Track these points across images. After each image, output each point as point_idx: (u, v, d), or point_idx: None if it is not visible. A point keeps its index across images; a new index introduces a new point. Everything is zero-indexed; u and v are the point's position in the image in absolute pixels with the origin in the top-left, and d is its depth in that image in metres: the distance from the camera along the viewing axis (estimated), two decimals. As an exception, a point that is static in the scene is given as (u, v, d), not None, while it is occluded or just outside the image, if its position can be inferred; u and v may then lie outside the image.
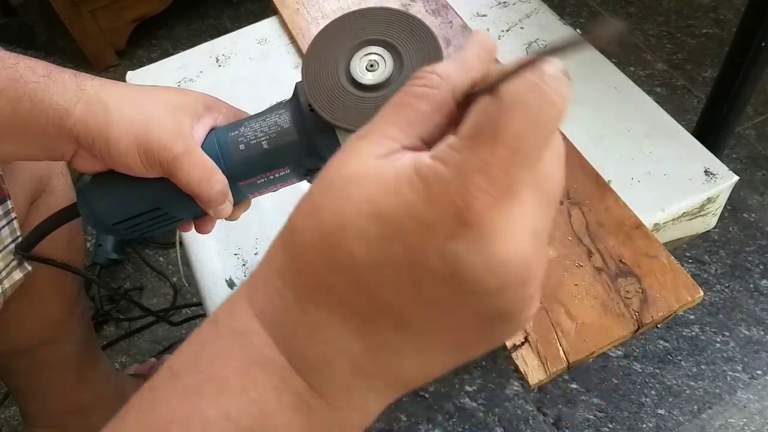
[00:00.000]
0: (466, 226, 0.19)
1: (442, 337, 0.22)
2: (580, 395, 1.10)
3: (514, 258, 0.19)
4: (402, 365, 0.22)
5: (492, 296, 0.20)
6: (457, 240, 0.19)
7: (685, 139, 0.68)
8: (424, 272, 0.20)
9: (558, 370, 0.53)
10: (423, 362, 0.23)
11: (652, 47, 1.59)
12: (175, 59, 0.88)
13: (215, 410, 0.21)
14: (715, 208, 0.67)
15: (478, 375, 1.14)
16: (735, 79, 0.89)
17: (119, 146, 0.42)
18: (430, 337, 0.22)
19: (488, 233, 0.19)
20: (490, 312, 0.21)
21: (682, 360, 1.13)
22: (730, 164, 0.66)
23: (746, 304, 1.18)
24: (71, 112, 0.42)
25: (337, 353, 0.22)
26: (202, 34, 1.83)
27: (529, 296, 0.21)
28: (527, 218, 0.20)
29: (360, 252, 0.20)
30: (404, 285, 0.20)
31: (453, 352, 0.23)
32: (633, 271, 0.57)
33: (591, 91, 0.74)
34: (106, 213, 0.47)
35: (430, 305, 0.21)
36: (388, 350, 0.22)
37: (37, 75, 0.43)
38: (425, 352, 0.22)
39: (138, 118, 0.43)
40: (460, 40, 0.80)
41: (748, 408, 1.07)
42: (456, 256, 0.19)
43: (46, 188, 0.71)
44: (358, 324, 0.21)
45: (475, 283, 0.20)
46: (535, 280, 0.21)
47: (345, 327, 0.21)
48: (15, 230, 0.62)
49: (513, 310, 0.21)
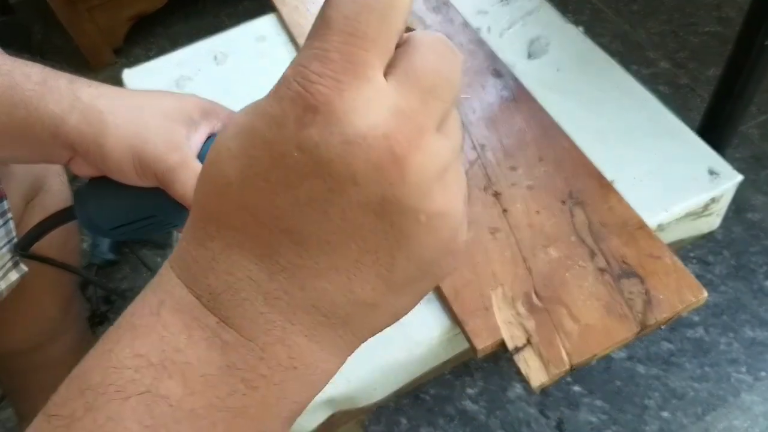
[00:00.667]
0: (313, 111, 0.19)
1: (345, 249, 0.21)
2: (583, 398, 1.09)
3: (371, 131, 0.19)
4: (316, 289, 0.21)
5: (366, 180, 0.20)
6: (308, 127, 0.19)
7: (688, 138, 0.68)
8: (290, 171, 0.20)
9: (560, 372, 0.52)
10: (341, 285, 0.21)
11: (655, 45, 1.58)
12: (173, 57, 0.87)
13: (128, 353, 0.21)
14: (719, 208, 0.67)
15: (479, 377, 1.13)
16: (739, 77, 0.88)
17: (114, 156, 0.42)
18: (333, 251, 0.21)
19: (338, 113, 0.19)
20: (376, 201, 0.20)
21: (686, 362, 1.12)
22: (734, 163, 0.65)
23: (750, 305, 1.17)
24: (67, 120, 0.42)
25: (242, 282, 0.21)
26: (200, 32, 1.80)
27: (418, 182, 0.20)
28: (383, 97, 0.20)
29: (231, 171, 0.21)
30: (279, 192, 0.20)
31: (372, 268, 0.21)
32: (636, 271, 0.56)
33: (593, 89, 0.73)
34: (102, 218, 0.47)
35: (312, 208, 0.20)
36: (295, 273, 0.21)
37: (32, 82, 0.43)
38: (338, 272, 0.21)
39: (133, 128, 0.43)
40: (461, 37, 0.79)
41: (752, 410, 1.06)
42: (312, 142, 0.19)
43: (42, 188, 0.71)
44: (253, 248, 0.21)
45: (339, 165, 0.19)
46: (420, 165, 0.20)
47: (243, 254, 0.21)
48: (11, 231, 0.62)
49: (401, 197, 0.20)
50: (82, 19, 1.64)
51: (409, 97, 0.20)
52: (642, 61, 1.54)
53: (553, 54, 0.77)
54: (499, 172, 0.65)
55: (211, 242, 0.22)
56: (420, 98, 0.21)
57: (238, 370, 0.21)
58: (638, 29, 1.62)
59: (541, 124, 0.69)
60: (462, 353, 0.61)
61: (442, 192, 0.21)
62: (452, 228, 0.22)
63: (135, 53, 1.80)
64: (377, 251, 0.21)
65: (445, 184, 0.21)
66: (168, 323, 0.22)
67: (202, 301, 0.22)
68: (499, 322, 0.55)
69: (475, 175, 0.65)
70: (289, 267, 0.21)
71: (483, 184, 0.64)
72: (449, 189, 0.21)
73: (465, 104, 0.72)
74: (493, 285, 0.57)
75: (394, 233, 0.21)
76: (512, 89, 0.73)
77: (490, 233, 0.61)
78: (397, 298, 0.23)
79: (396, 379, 0.60)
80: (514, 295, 0.56)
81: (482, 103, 0.72)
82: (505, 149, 0.67)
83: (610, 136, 0.68)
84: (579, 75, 0.75)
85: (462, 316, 0.55)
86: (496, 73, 0.75)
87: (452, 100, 0.22)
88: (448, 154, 0.21)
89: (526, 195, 0.63)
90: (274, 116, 0.20)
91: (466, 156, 0.67)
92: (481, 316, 0.55)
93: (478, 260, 0.59)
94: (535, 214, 0.61)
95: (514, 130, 0.69)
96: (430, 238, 0.21)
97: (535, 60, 0.77)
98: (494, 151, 0.67)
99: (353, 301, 0.22)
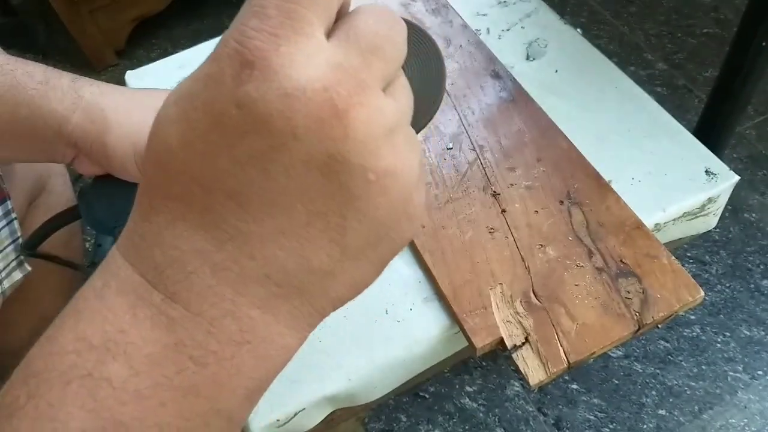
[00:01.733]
0: (250, 67, 0.19)
1: (292, 211, 0.20)
2: (581, 396, 1.10)
3: (310, 84, 0.19)
4: (267, 257, 0.20)
5: (307, 134, 0.19)
6: (245, 83, 0.19)
7: (685, 138, 0.68)
8: (229, 130, 0.19)
9: (558, 371, 0.52)
10: (292, 251, 0.21)
11: (652, 47, 1.59)
12: (175, 59, 0.87)
13: (71, 337, 0.21)
14: (716, 208, 0.67)
15: (478, 375, 1.13)
16: (735, 78, 0.89)
17: (116, 153, 0.43)
18: (280, 213, 0.20)
19: (275, 67, 0.19)
20: (320, 158, 0.19)
21: (683, 360, 1.13)
22: (731, 164, 0.66)
23: (747, 304, 1.17)
24: (69, 119, 0.43)
25: (188, 255, 0.20)
26: (202, 34, 1.83)
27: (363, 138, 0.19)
28: (323, 53, 0.19)
29: (172, 137, 0.20)
30: (219, 153, 0.20)
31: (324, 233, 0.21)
32: (634, 271, 0.57)
33: (591, 90, 0.73)
34: (106, 216, 0.47)
35: (253, 167, 0.19)
36: (244, 241, 0.20)
37: (35, 81, 0.43)
38: (287, 237, 0.20)
39: (135, 125, 0.43)
40: (460, 39, 0.80)
41: (748, 408, 1.07)
42: (249, 98, 0.19)
43: (45, 188, 0.71)
44: (198, 217, 0.20)
45: (278, 120, 0.19)
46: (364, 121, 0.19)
47: (188, 224, 0.20)
48: (15, 231, 0.62)
49: (346, 154, 0.19)
50: (85, 21, 1.64)
51: (350, 53, 0.20)
52: (639, 63, 1.55)
53: (551, 55, 0.78)
54: (498, 173, 0.66)
55: (156, 216, 0.21)
56: (361, 56, 0.20)
57: (186, 347, 0.21)
58: (636, 31, 1.63)
59: (539, 125, 0.69)
60: (461, 351, 0.62)
61: (391, 150, 0.20)
62: (405, 188, 0.21)
63: (137, 55, 1.80)
64: (327, 214, 0.20)
65: (394, 143, 0.21)
66: (112, 305, 0.21)
67: (147, 278, 0.21)
68: (498, 320, 0.55)
69: (474, 176, 0.66)
70: (236, 235, 0.20)
71: (482, 185, 0.65)
72: (399, 149, 0.21)
73: (464, 105, 0.73)
74: (491, 284, 0.58)
75: (343, 194, 0.20)
76: (511, 90, 0.73)
77: (488, 233, 0.61)
78: (355, 266, 0.22)
79: (396, 377, 0.60)
80: (512, 294, 0.57)
81: (481, 104, 0.73)
82: (504, 150, 0.68)
83: (608, 137, 0.69)
84: (577, 76, 0.75)
85: (461, 315, 0.56)
86: (494, 75, 0.75)
87: (395, 62, 0.22)
88: (394, 114, 0.21)
89: (525, 195, 0.64)
90: (211, 75, 0.19)
91: (465, 156, 0.68)
92: (480, 314, 0.56)
93: (477, 259, 0.59)
94: (534, 214, 0.62)
95: (512, 130, 0.69)
96: (381, 199, 0.21)
97: (533, 61, 0.78)
98: (493, 151, 0.68)
99: (307, 269, 0.21)
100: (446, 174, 0.67)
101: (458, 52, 0.78)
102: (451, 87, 0.75)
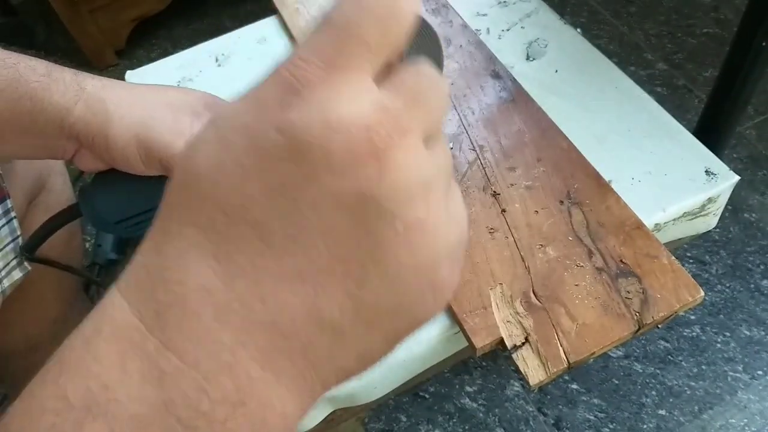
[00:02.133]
0: (296, 94, 0.19)
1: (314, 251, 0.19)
2: (581, 396, 1.10)
3: (353, 119, 0.19)
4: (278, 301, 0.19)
5: (342, 168, 0.18)
6: (290, 108, 0.19)
7: (685, 138, 0.68)
8: (266, 153, 0.19)
9: (558, 371, 0.52)
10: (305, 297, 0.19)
11: (652, 47, 1.59)
12: (175, 59, 0.87)
13: (50, 393, 0.19)
14: (716, 208, 0.67)
15: (478, 375, 1.14)
16: (736, 78, 0.89)
17: (119, 144, 0.42)
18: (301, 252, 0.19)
19: (321, 98, 0.19)
20: (351, 196, 0.19)
21: (683, 360, 1.13)
22: (731, 164, 0.66)
23: (747, 304, 1.17)
24: (72, 110, 0.42)
25: (193, 293, 0.19)
26: (202, 34, 1.82)
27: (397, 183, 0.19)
28: (369, 92, 0.20)
29: (203, 159, 0.19)
30: (250, 177, 0.19)
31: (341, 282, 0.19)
32: (634, 271, 0.57)
33: (591, 90, 0.74)
34: (107, 211, 0.47)
35: (282, 195, 0.19)
36: (256, 278, 0.19)
37: (37, 74, 0.43)
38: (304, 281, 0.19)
39: (138, 116, 0.43)
40: (460, 39, 0.80)
41: (748, 408, 1.07)
42: (291, 124, 0.18)
43: (45, 187, 0.71)
44: (214, 246, 0.19)
45: (316, 150, 0.18)
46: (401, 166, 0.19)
47: (200, 254, 0.19)
48: (15, 229, 0.62)
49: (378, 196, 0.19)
50: (85, 21, 1.64)
51: (395, 99, 0.20)
52: (639, 63, 1.55)
53: (551, 55, 0.78)
54: (498, 173, 0.66)
55: (168, 246, 0.20)
56: (405, 103, 0.20)
57: (175, 406, 0.19)
58: (636, 31, 1.63)
59: (539, 125, 0.69)
60: (461, 351, 0.62)
61: (423, 204, 0.20)
62: (433, 251, 0.20)
63: (137, 55, 1.80)
64: (348, 260, 0.19)
65: (428, 198, 0.20)
66: (100, 355, 0.19)
67: (144, 321, 0.19)
68: (498, 320, 0.55)
69: (474, 176, 0.66)
70: (250, 271, 0.19)
71: (482, 185, 0.65)
72: (432, 206, 0.20)
73: (464, 105, 0.73)
74: (491, 284, 0.58)
75: (368, 240, 0.19)
76: (511, 90, 0.73)
77: (488, 233, 0.61)
78: (367, 332, 0.21)
79: (396, 377, 0.60)
80: (512, 294, 0.57)
81: (481, 104, 0.73)
82: (504, 150, 0.68)
83: (608, 137, 0.69)
84: (577, 76, 0.75)
85: (461, 315, 0.56)
86: (494, 75, 0.75)
87: (438, 117, 0.22)
88: (431, 167, 0.20)
89: (525, 195, 0.64)
90: (256, 98, 0.19)
91: (465, 156, 0.68)
92: (480, 314, 0.56)
93: (477, 260, 0.59)
94: (534, 214, 0.62)
95: (512, 130, 0.69)
96: (406, 255, 0.20)
97: (533, 61, 0.78)
98: (493, 151, 0.68)
99: (317, 321, 0.20)
100: (446, 174, 0.67)
101: (458, 52, 0.78)
102: (451, 87, 0.75)
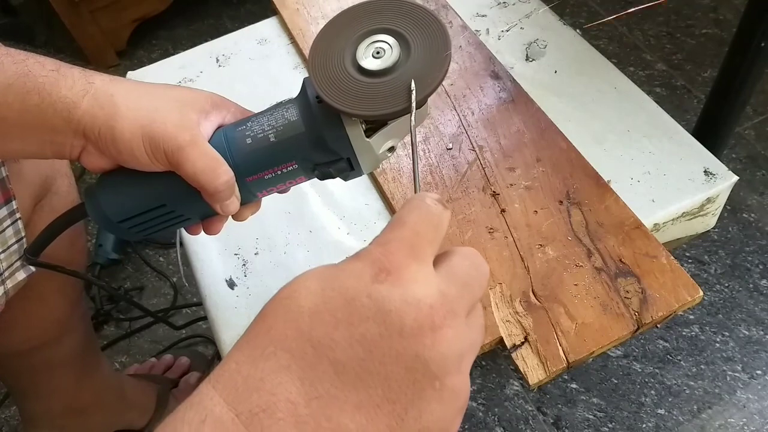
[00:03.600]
0: (387, 272, 0.26)
1: (372, 390, 0.25)
2: (580, 395, 1.10)
3: (423, 299, 0.25)
4: (340, 423, 0.24)
5: (409, 335, 0.25)
6: (381, 283, 0.25)
7: (684, 139, 0.69)
8: (356, 312, 0.25)
9: (558, 370, 0.53)
10: (359, 423, 0.24)
11: (651, 47, 1.59)
12: (176, 59, 0.88)
13: None
14: (715, 208, 0.68)
15: (477, 375, 1.14)
16: (735, 79, 0.89)
17: (125, 136, 0.42)
18: (363, 389, 0.24)
19: (404, 279, 0.26)
20: (410, 356, 0.25)
21: (682, 360, 1.13)
22: (730, 164, 0.66)
23: (746, 304, 1.18)
24: (79, 104, 0.42)
25: (281, 404, 0.24)
26: (203, 35, 1.83)
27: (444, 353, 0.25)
28: (434, 280, 0.27)
29: (306, 303, 0.26)
30: (340, 327, 0.25)
31: (386, 416, 0.25)
32: (633, 270, 0.57)
33: (590, 91, 0.74)
34: (112, 210, 0.47)
35: (361, 345, 0.25)
36: (328, 402, 0.24)
37: (46, 69, 0.43)
38: (359, 411, 0.24)
39: (145, 110, 0.43)
40: (460, 40, 0.80)
41: (747, 408, 1.07)
42: (379, 294, 0.25)
43: (50, 189, 0.71)
44: (301, 371, 0.25)
45: (394, 317, 0.25)
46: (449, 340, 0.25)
47: (290, 376, 0.24)
48: (19, 231, 0.62)
49: (429, 360, 0.25)
50: (85, 21, 1.64)
51: (451, 286, 0.27)
52: (638, 63, 1.55)
53: (550, 56, 0.78)
54: (498, 173, 0.66)
55: (265, 362, 0.25)
56: (457, 290, 0.27)
57: None
58: (635, 31, 1.63)
59: (538, 126, 0.70)
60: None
61: (457, 371, 0.26)
62: (456, 408, 0.26)
63: (138, 55, 1.80)
64: (395, 402, 0.25)
65: (460, 367, 0.26)
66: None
67: (240, 418, 0.24)
68: (498, 320, 0.56)
69: (474, 176, 0.66)
70: (324, 395, 0.24)
71: (481, 185, 0.65)
72: (462, 374, 0.26)
73: (464, 105, 0.73)
74: (491, 284, 0.58)
75: (413, 390, 0.25)
76: (510, 91, 0.74)
77: (488, 233, 0.62)
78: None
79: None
80: (512, 293, 0.57)
81: (481, 104, 0.73)
82: (504, 150, 0.68)
83: (607, 137, 0.69)
84: (576, 77, 0.76)
85: (461, 314, 0.56)
86: (494, 75, 0.76)
87: (479, 295, 0.29)
88: (467, 342, 0.27)
89: (524, 195, 0.64)
90: (354, 269, 0.26)
91: (464, 156, 0.68)
92: (480, 314, 0.56)
93: (477, 259, 0.59)
94: (533, 214, 0.62)
95: (512, 131, 0.70)
96: (438, 407, 0.25)
97: (532, 62, 0.78)
98: (492, 151, 0.68)
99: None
100: (446, 174, 0.67)
101: (458, 53, 0.79)
102: (451, 87, 0.75)
